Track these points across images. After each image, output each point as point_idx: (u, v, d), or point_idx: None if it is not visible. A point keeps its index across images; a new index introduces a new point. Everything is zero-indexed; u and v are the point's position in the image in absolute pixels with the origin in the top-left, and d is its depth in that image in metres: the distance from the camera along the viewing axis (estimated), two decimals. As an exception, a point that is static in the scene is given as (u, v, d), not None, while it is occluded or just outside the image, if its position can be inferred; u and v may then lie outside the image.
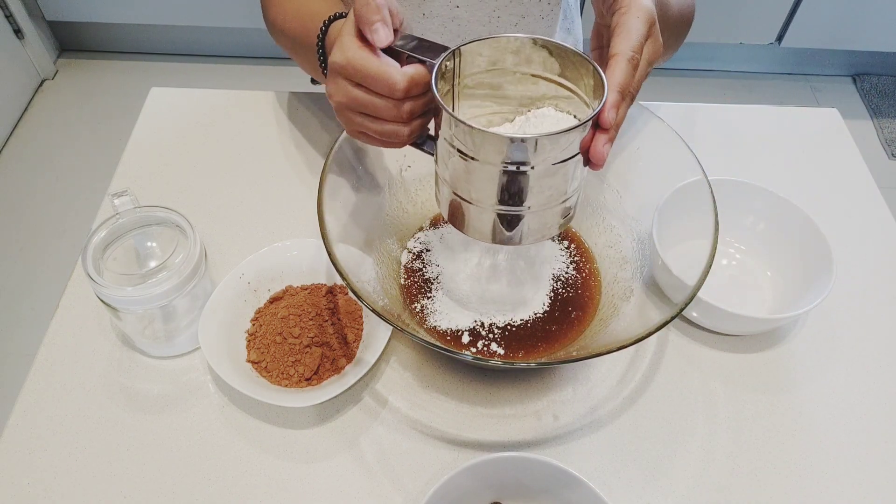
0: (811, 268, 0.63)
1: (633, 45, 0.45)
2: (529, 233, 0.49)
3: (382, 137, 0.49)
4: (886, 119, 1.99)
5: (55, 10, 1.89)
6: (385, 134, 0.49)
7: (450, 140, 0.45)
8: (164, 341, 0.59)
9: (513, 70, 0.50)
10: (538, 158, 0.43)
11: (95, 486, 0.53)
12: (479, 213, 0.48)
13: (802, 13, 1.83)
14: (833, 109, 0.85)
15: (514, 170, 0.44)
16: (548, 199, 0.47)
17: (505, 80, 0.51)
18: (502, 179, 0.45)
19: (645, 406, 0.59)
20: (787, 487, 0.55)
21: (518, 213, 0.47)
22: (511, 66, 0.50)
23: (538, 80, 0.50)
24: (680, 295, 0.52)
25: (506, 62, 0.49)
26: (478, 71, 0.50)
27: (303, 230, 0.69)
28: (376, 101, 0.47)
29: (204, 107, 0.81)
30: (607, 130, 0.44)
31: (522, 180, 0.45)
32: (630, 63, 0.45)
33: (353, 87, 0.47)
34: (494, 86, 0.51)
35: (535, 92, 0.51)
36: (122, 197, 0.56)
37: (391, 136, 0.49)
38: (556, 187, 0.46)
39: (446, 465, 0.55)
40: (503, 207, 0.47)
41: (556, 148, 0.43)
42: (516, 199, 0.46)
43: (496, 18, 0.75)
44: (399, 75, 0.45)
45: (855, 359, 0.62)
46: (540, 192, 0.46)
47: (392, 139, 0.49)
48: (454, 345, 0.58)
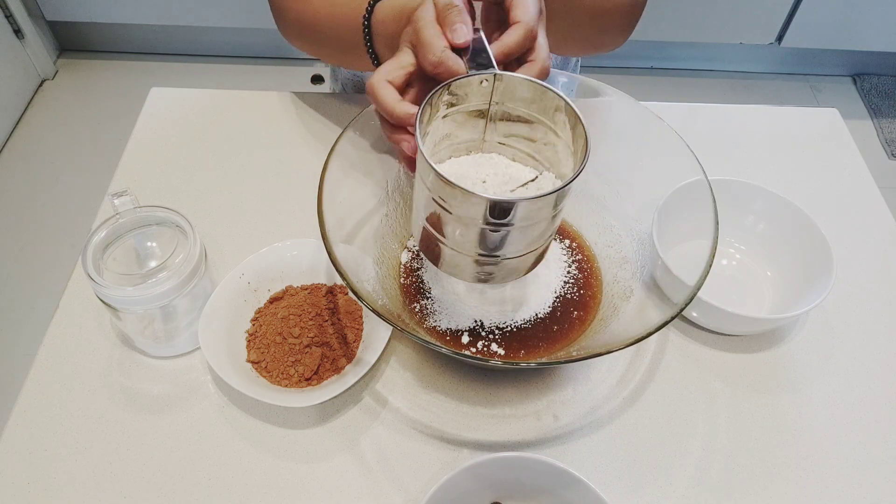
0: (811, 268, 0.63)
1: (532, 15, 0.48)
2: (503, 276, 0.51)
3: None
4: (886, 119, 1.99)
5: (55, 10, 1.89)
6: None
7: (431, 190, 0.45)
8: (164, 341, 0.59)
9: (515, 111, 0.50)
10: (517, 218, 0.44)
11: (95, 486, 0.53)
12: (455, 257, 0.49)
13: (802, 13, 1.83)
14: (833, 109, 0.85)
15: (493, 228, 0.45)
16: (524, 247, 0.48)
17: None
18: (481, 234, 0.46)
19: (645, 406, 0.59)
20: (787, 487, 0.55)
21: (494, 261, 0.49)
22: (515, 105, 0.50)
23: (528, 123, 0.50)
24: (680, 295, 0.52)
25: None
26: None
27: (303, 230, 0.69)
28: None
29: (204, 107, 0.81)
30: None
31: (500, 235, 0.46)
32: (527, 31, 0.48)
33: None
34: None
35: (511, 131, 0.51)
36: (122, 197, 0.56)
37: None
38: (532, 238, 0.47)
39: (446, 465, 0.55)
40: (481, 256, 0.48)
41: (534, 209, 0.44)
42: (494, 250, 0.47)
43: None
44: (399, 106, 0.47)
45: (855, 359, 0.62)
46: (516, 244, 0.47)
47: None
48: (454, 345, 0.58)
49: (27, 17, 1.87)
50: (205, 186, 0.73)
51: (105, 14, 1.89)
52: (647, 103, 0.63)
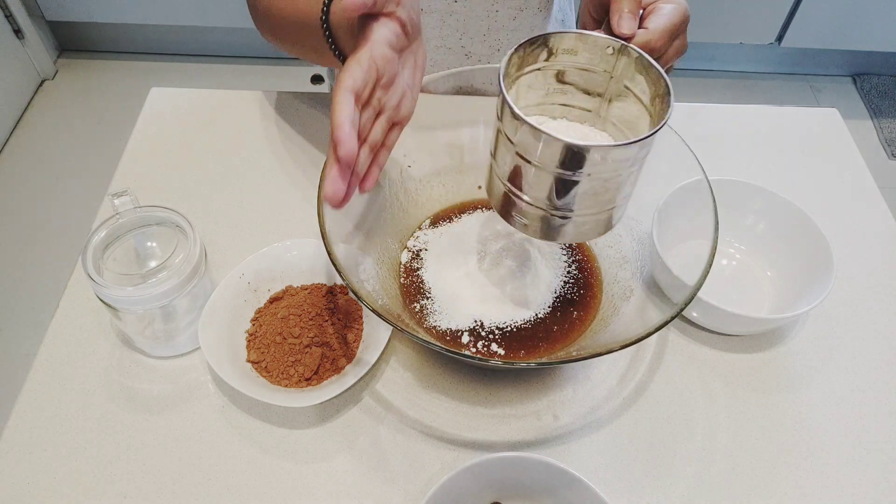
0: (811, 268, 0.63)
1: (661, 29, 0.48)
2: (574, 234, 0.51)
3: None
4: (886, 119, 1.99)
5: (55, 10, 1.89)
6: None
7: (510, 137, 0.46)
8: (164, 341, 0.59)
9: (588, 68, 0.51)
10: (594, 167, 0.44)
11: (95, 486, 0.53)
12: (529, 210, 0.49)
13: (802, 13, 1.83)
14: (833, 109, 0.85)
15: (569, 176, 0.45)
16: (597, 204, 0.48)
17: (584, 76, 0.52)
18: (555, 182, 0.46)
19: (645, 406, 0.59)
20: (787, 487, 0.55)
21: (565, 217, 0.49)
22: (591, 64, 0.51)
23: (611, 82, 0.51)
24: (680, 295, 0.52)
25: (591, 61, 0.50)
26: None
27: (303, 230, 0.69)
28: None
29: (204, 107, 0.81)
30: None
31: (575, 186, 0.46)
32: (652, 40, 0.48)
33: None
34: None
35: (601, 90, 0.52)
36: (122, 197, 0.56)
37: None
38: (606, 195, 0.47)
39: (446, 465, 0.55)
40: (553, 210, 0.48)
41: (612, 157, 0.44)
42: (566, 203, 0.47)
43: (494, 13, 0.75)
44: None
45: (855, 359, 0.62)
46: (589, 199, 0.47)
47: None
48: (454, 345, 0.58)
49: (27, 17, 1.87)
50: (205, 186, 0.73)
51: (105, 14, 1.89)
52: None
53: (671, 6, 0.50)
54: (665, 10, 0.49)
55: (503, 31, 0.77)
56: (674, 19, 0.49)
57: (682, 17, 0.50)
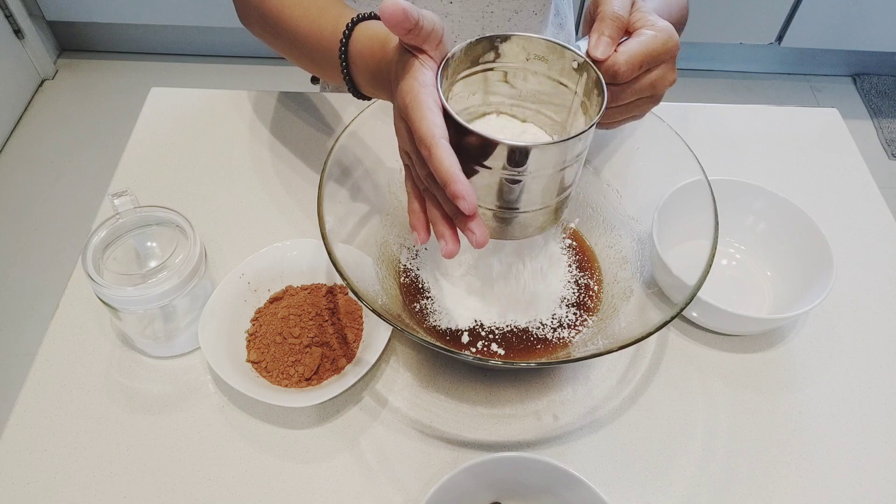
0: (811, 268, 0.63)
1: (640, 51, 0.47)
2: (521, 231, 0.50)
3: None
4: (886, 119, 1.99)
5: (55, 10, 1.89)
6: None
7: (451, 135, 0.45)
8: (164, 341, 0.59)
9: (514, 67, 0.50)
10: (536, 166, 0.44)
11: (95, 486, 0.53)
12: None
13: (802, 13, 1.83)
14: (833, 109, 0.85)
15: (513, 177, 0.45)
16: (542, 200, 0.48)
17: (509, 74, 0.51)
18: (501, 184, 0.45)
19: (645, 406, 0.59)
20: (787, 487, 0.55)
21: (513, 215, 0.48)
22: (517, 61, 0.50)
23: (534, 77, 0.51)
24: (680, 295, 0.52)
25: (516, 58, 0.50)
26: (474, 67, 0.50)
27: (303, 230, 0.69)
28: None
29: (204, 107, 0.81)
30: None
31: (519, 185, 0.45)
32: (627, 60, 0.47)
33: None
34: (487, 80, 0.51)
35: (526, 88, 0.51)
36: (122, 197, 0.56)
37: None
38: (550, 190, 0.47)
39: (446, 465, 0.55)
40: (500, 209, 0.48)
41: (550, 156, 0.44)
42: (513, 202, 0.47)
43: (489, 14, 0.75)
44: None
45: (855, 359, 0.62)
46: (534, 195, 0.47)
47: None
48: (454, 345, 0.58)
49: (27, 17, 1.87)
50: (205, 186, 0.73)
51: (105, 14, 1.89)
52: (647, 103, 0.63)
53: (651, 34, 0.47)
54: (643, 37, 0.47)
55: (498, 32, 0.77)
56: (649, 47, 0.47)
57: (663, 46, 0.47)
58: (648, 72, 0.49)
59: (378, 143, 0.63)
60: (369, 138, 0.61)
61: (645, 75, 0.49)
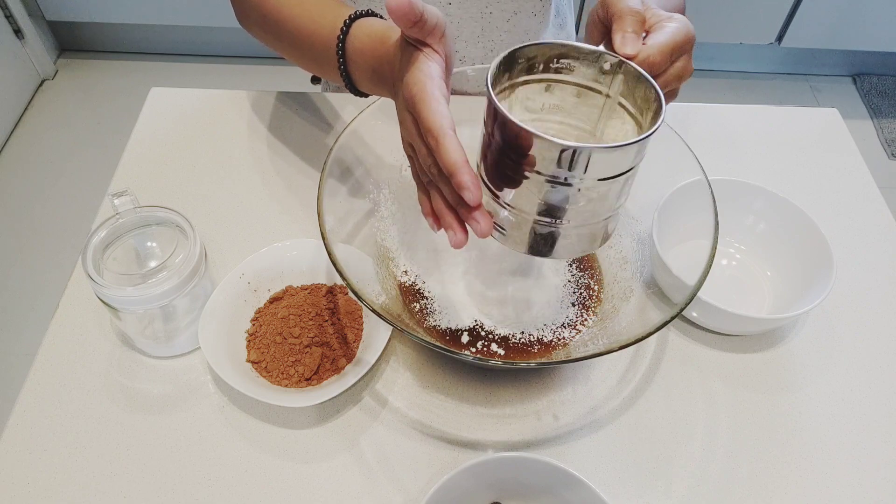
0: (811, 268, 0.63)
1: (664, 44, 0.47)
2: (564, 249, 0.47)
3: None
4: (886, 119, 1.99)
5: (55, 10, 1.89)
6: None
7: (496, 139, 0.43)
8: (164, 341, 0.59)
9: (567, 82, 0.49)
10: (587, 172, 0.41)
11: (95, 486, 0.53)
12: (517, 223, 0.46)
13: (802, 13, 1.83)
14: (833, 109, 0.85)
15: (561, 181, 0.42)
16: (589, 215, 0.45)
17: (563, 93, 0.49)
18: (545, 188, 0.43)
19: (645, 406, 0.59)
20: (787, 487, 0.55)
21: (555, 229, 0.45)
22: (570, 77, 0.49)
23: (591, 94, 0.49)
24: (680, 295, 0.52)
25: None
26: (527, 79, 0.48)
27: (303, 230, 0.69)
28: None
29: (204, 107, 0.81)
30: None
31: (566, 192, 0.43)
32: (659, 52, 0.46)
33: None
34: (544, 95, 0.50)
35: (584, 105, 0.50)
36: (122, 197, 0.56)
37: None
38: (599, 204, 0.44)
39: (446, 465, 0.55)
40: (542, 219, 0.45)
41: (608, 162, 0.41)
42: (557, 212, 0.44)
43: (488, 15, 0.75)
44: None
45: (855, 359, 0.62)
46: (582, 208, 0.44)
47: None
48: (454, 345, 0.58)
49: (27, 17, 1.87)
50: (205, 186, 0.73)
51: (105, 14, 1.89)
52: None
53: (675, 25, 0.48)
54: (668, 28, 0.48)
55: (496, 33, 0.77)
56: (676, 38, 0.48)
57: (686, 36, 0.48)
58: (674, 63, 0.49)
59: (378, 143, 0.63)
60: (370, 138, 0.62)
61: (672, 67, 0.49)
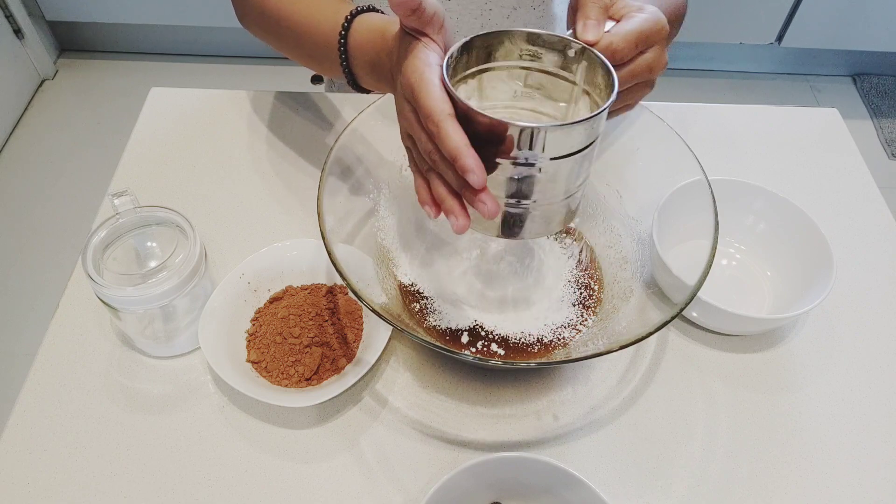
0: (811, 268, 0.63)
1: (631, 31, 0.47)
2: (532, 229, 0.48)
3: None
4: (886, 119, 1.99)
5: (55, 10, 1.89)
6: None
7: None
8: (164, 341, 0.59)
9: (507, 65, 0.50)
10: (544, 151, 0.42)
11: (95, 486, 0.53)
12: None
13: (802, 13, 1.83)
14: (833, 109, 0.85)
15: (523, 161, 0.43)
16: (552, 194, 0.46)
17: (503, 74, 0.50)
18: (510, 170, 0.44)
19: (645, 406, 0.59)
20: (787, 487, 0.55)
21: (523, 210, 0.47)
22: (509, 59, 0.49)
23: (531, 74, 0.50)
24: (680, 295, 0.52)
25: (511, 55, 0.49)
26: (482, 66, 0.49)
27: (303, 230, 0.69)
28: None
29: (204, 107, 0.81)
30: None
31: (529, 171, 0.44)
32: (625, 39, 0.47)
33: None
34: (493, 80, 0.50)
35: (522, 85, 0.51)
36: (122, 197, 0.56)
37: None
38: (562, 182, 0.46)
39: (446, 465, 0.55)
40: (510, 201, 0.46)
41: (563, 141, 0.42)
42: (524, 193, 0.45)
43: (488, 11, 0.75)
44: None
45: (855, 359, 0.62)
46: (546, 187, 0.45)
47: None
48: (454, 345, 0.58)
49: (27, 17, 1.87)
50: (205, 186, 0.73)
51: (105, 14, 1.89)
52: (646, 103, 0.63)
53: (644, 15, 0.48)
54: (636, 17, 0.48)
55: (491, 30, 0.77)
56: (643, 27, 0.47)
57: (654, 26, 0.48)
58: (642, 53, 0.49)
59: (379, 142, 0.63)
60: (370, 137, 0.62)
61: (640, 57, 0.49)
